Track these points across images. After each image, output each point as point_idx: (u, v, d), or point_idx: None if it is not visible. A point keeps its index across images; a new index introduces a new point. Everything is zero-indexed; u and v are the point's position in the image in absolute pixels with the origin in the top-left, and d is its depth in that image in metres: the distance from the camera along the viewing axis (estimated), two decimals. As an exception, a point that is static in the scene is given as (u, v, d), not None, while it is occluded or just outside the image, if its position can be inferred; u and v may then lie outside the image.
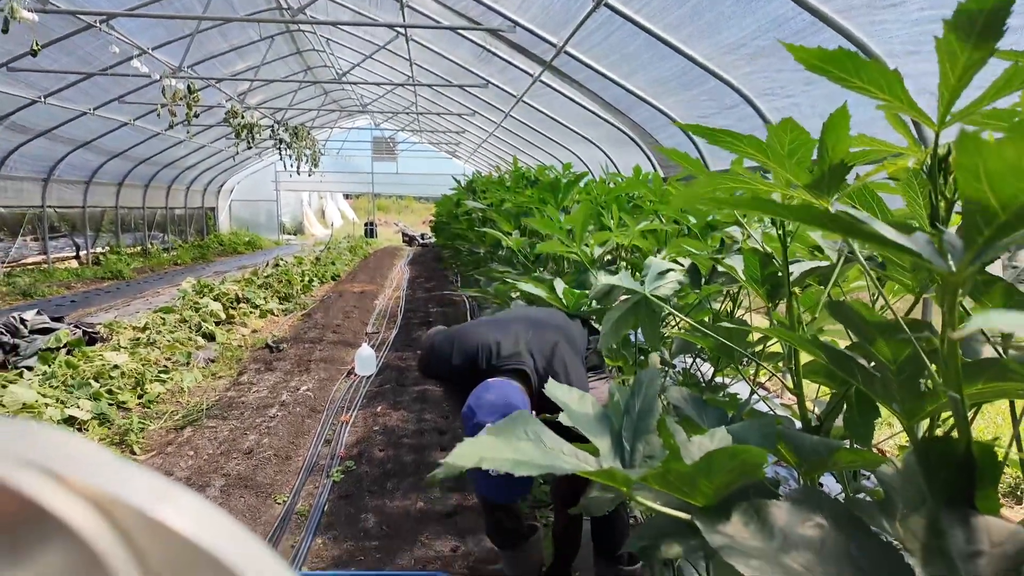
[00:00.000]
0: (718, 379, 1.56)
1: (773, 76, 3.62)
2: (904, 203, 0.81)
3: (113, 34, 6.37)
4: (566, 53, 4.86)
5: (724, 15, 3.48)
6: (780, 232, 0.95)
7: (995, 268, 0.83)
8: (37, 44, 5.36)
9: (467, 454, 0.59)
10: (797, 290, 1.02)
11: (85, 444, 0.18)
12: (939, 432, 0.79)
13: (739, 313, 1.64)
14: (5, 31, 4.50)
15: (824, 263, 1.04)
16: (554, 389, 0.83)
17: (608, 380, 1.96)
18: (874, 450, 0.91)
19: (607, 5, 3.84)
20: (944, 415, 0.78)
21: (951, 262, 0.46)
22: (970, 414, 0.77)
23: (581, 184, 3.06)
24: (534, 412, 1.57)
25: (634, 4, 3.87)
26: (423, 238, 19.93)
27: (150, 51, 7.46)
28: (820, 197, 0.73)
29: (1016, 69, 0.56)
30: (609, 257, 2.18)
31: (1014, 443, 0.73)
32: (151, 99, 8.24)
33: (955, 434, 0.57)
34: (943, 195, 0.66)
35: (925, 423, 0.76)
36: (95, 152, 10.84)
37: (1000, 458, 0.67)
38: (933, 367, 0.66)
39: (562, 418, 0.81)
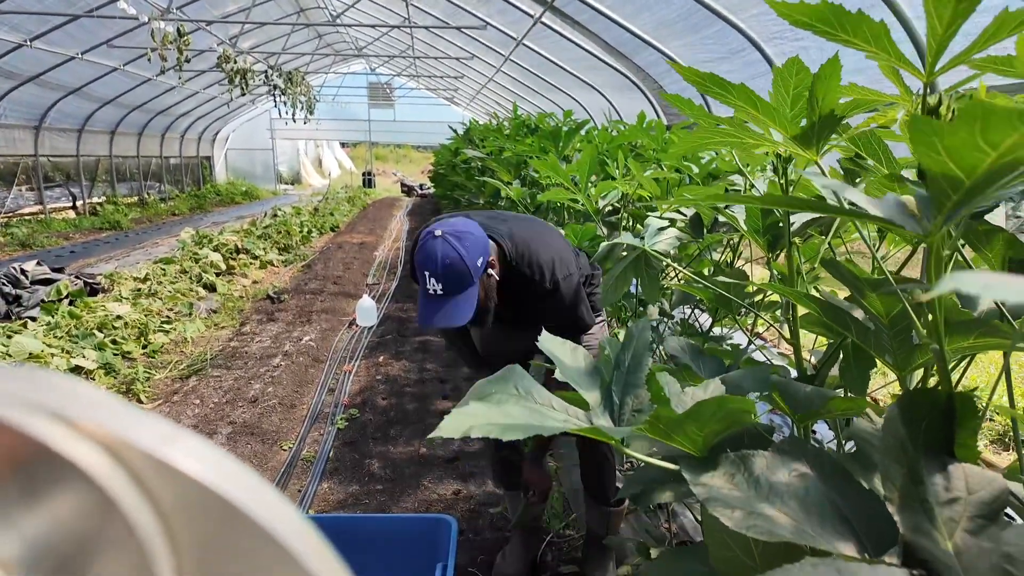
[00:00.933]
0: (716, 330, 1.57)
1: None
2: (910, 152, 0.80)
3: (97, -27, 6.12)
4: (568, -6, 4.69)
5: (733, -47, 3.34)
6: (782, 182, 0.94)
7: (998, 218, 0.82)
8: (19, -16, 5.17)
9: (455, 426, 0.57)
10: (798, 240, 1.01)
11: (93, 390, 0.18)
12: (932, 382, 0.80)
13: (739, 263, 1.64)
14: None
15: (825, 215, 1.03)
16: (547, 343, 0.82)
17: (605, 324, 1.97)
18: (868, 399, 0.93)
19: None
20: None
21: (925, 223, 0.45)
22: (964, 364, 0.78)
23: (582, 132, 3.00)
24: (498, 281, 1.63)
25: (640, -59, 3.71)
26: (422, 188, 19.71)
27: (136, -9, 7.18)
28: (808, 149, 0.72)
29: (1007, 15, 0.54)
30: (610, 208, 2.16)
31: (1004, 392, 0.74)
32: (140, 43, 7.99)
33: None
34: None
35: (919, 373, 0.77)
36: (86, 99, 10.59)
37: (986, 406, 0.69)
38: (929, 316, 0.66)
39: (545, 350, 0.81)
